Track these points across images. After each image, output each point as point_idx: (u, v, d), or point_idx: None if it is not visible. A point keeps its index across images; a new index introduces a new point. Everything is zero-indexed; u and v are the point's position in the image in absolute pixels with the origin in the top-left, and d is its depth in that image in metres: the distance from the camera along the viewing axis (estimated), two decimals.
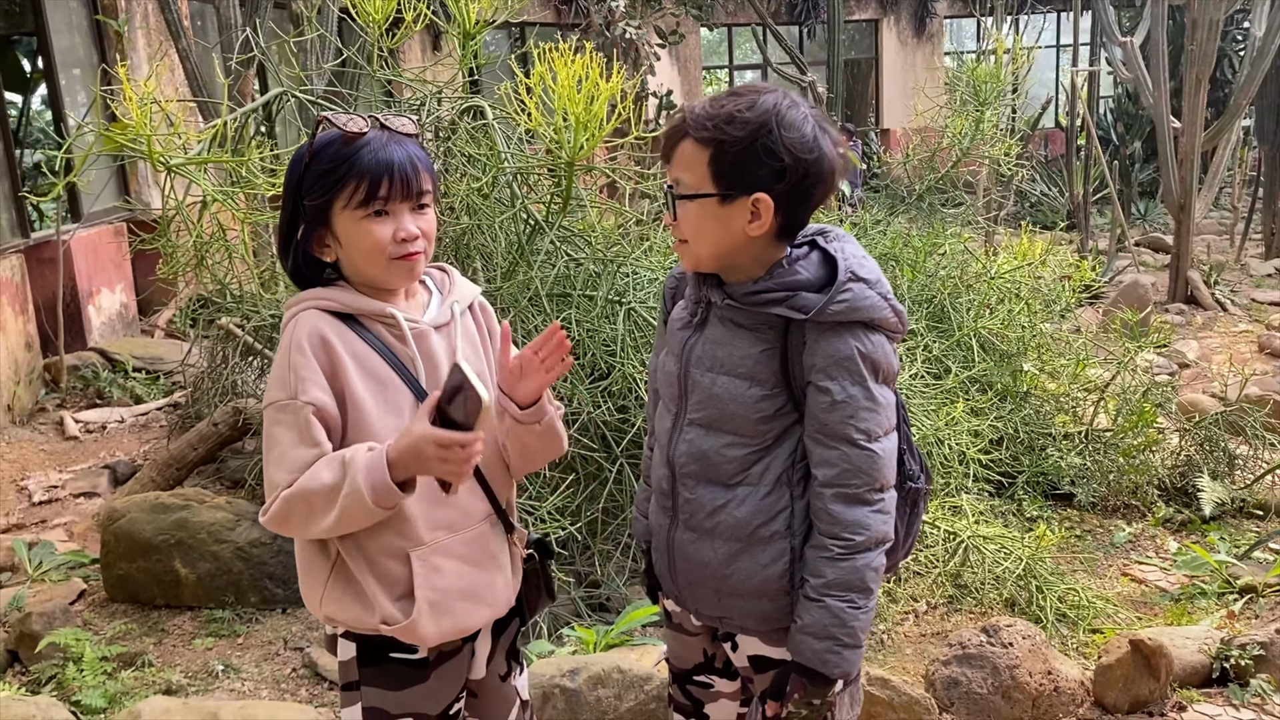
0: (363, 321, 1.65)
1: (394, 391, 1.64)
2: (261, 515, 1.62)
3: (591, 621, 3.43)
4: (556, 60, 3.08)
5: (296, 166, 1.65)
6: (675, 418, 1.75)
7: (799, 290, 1.61)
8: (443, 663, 1.73)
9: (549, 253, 3.52)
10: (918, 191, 5.96)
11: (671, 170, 1.65)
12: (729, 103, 1.59)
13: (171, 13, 6.10)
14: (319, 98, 4.01)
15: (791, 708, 1.68)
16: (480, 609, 1.72)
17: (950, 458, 4.10)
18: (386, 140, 1.62)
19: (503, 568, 1.76)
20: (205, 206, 3.39)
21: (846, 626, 1.62)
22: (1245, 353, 7.16)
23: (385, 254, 1.62)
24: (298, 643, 3.49)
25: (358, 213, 1.60)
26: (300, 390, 1.57)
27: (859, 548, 1.62)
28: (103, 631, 3.55)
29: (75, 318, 7.03)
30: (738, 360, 1.66)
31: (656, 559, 1.85)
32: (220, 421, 4.45)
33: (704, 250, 1.65)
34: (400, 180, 1.61)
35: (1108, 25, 9.90)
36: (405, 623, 1.64)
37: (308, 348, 1.59)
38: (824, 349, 1.60)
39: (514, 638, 1.89)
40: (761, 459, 1.68)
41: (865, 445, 1.61)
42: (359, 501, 1.53)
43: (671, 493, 1.77)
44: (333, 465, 1.56)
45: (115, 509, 3.77)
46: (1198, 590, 3.76)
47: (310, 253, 1.66)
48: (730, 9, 16.83)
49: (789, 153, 1.57)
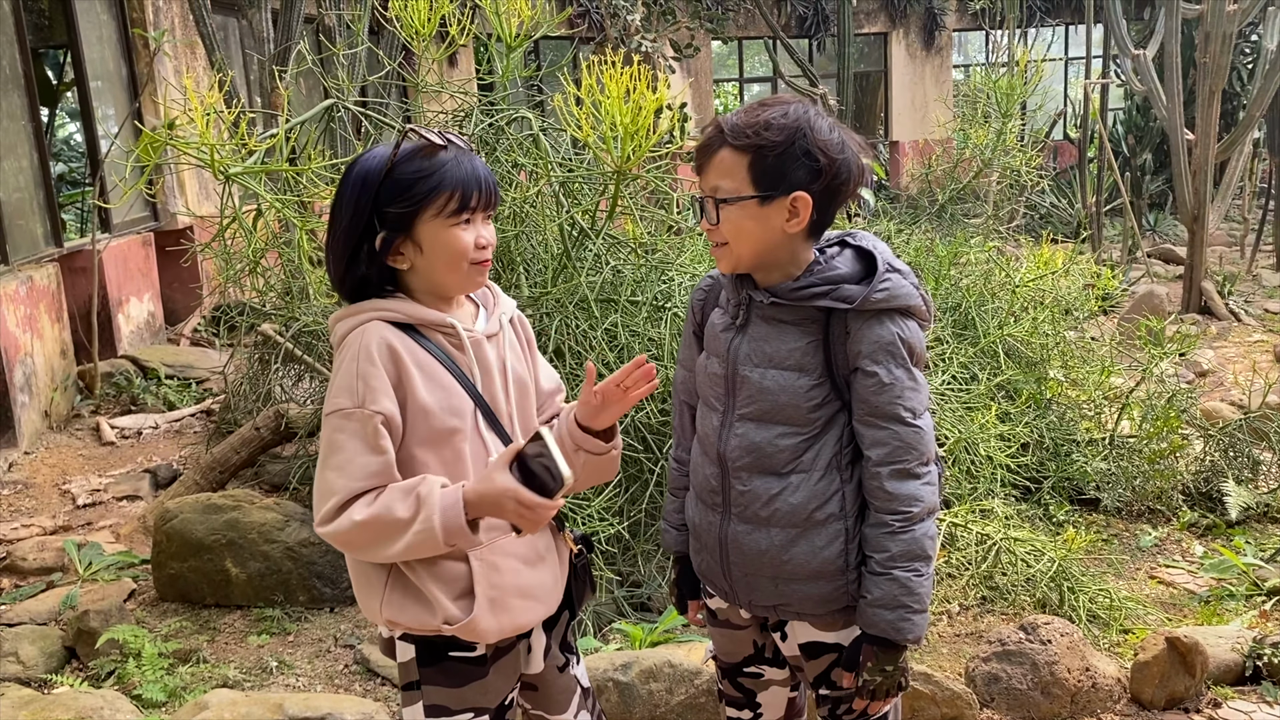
0: (423, 331, 1.72)
1: (457, 398, 1.71)
2: (319, 525, 1.66)
3: (634, 620, 3.51)
4: (606, 73, 3.18)
5: (369, 177, 1.68)
6: (723, 415, 1.84)
7: (841, 283, 1.73)
8: (500, 658, 1.80)
9: (596, 258, 3.62)
10: (940, 201, 6.05)
11: (707, 179, 1.75)
12: (763, 112, 1.70)
13: (205, 25, 6.21)
14: (370, 109, 4.11)
15: (867, 675, 1.78)
16: (535, 606, 1.79)
17: (980, 462, 4.18)
18: (460, 153, 1.70)
19: (553, 565, 1.83)
20: (260, 215, 3.49)
21: (914, 594, 1.73)
22: (1261, 362, 7.24)
23: (467, 259, 1.70)
24: (348, 640, 3.57)
25: (449, 221, 1.67)
26: (369, 399, 1.63)
27: (915, 519, 1.73)
28: (157, 629, 3.63)
29: (106, 326, 7.13)
30: (786, 353, 1.76)
31: (704, 557, 1.92)
32: (262, 426, 4.54)
33: (745, 250, 1.75)
34: (485, 191, 1.70)
35: (1120, 38, 10.00)
36: (466, 620, 1.69)
37: (377, 357, 1.65)
38: (868, 336, 1.71)
39: (565, 630, 1.95)
40: (812, 446, 1.77)
41: (913, 422, 1.73)
42: (430, 538, 1.60)
43: (722, 489, 1.85)
44: (407, 500, 1.61)
45: (167, 510, 3.86)
46: (1226, 592, 3.83)
47: (385, 261, 1.70)
48: (741, 22, 16.97)
49: (823, 154, 1.69)
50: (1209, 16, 8.73)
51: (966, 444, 4.13)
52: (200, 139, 3.09)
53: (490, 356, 1.77)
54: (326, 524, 1.64)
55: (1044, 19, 18.07)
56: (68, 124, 12.13)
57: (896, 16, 18.11)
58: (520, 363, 1.84)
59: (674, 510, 2.06)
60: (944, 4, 18.27)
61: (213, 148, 3.11)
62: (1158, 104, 9.44)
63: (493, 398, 1.76)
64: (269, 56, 6.23)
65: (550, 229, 3.65)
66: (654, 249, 3.80)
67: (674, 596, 2.11)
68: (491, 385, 1.76)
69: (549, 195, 3.73)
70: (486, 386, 1.75)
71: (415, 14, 3.89)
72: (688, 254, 3.84)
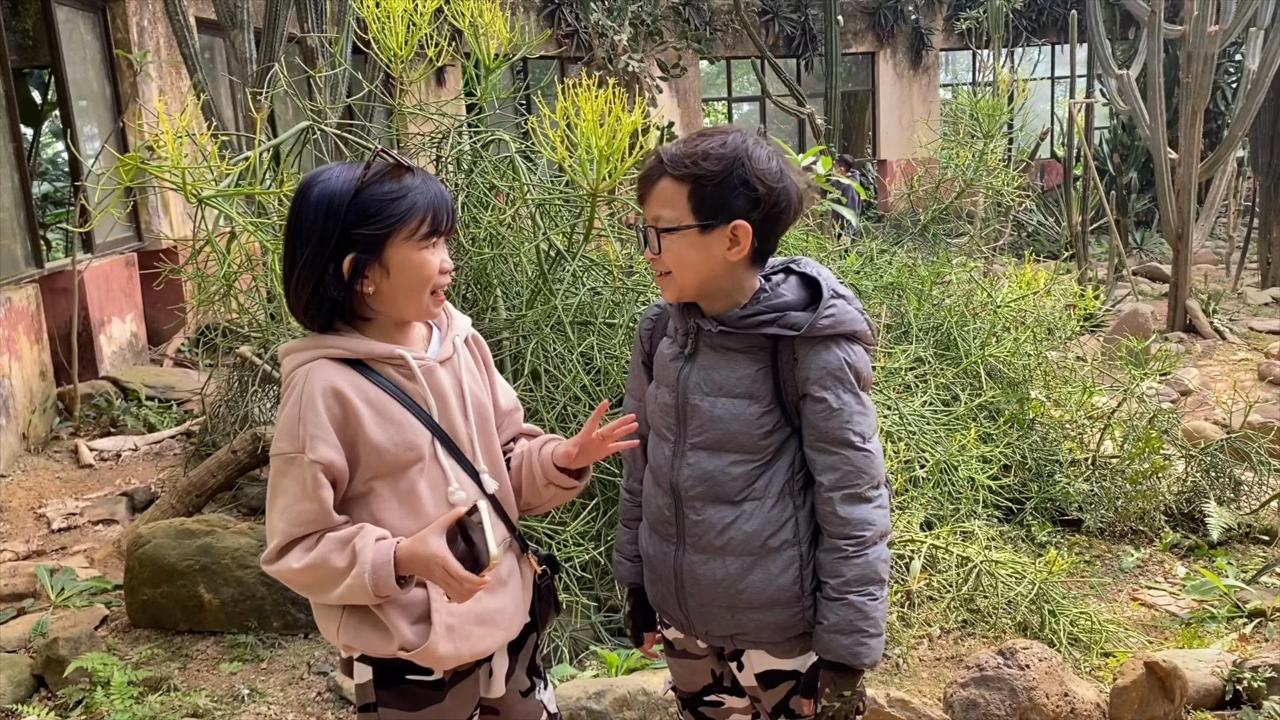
0: (371, 365, 1.69)
1: (410, 431, 1.69)
2: (266, 563, 1.68)
3: (612, 646, 3.47)
4: (581, 95, 3.17)
5: (336, 198, 1.63)
6: (675, 445, 1.83)
7: (787, 310, 1.74)
8: (457, 682, 1.78)
9: (570, 282, 3.60)
10: (922, 221, 6.05)
11: (650, 208, 1.76)
12: (701, 142, 1.71)
13: (188, 46, 6.20)
14: (337, 132, 4.10)
15: (825, 701, 1.77)
16: (494, 632, 1.78)
17: (961, 484, 4.16)
18: (425, 177, 1.70)
19: (514, 591, 1.82)
20: (233, 237, 3.46)
21: (869, 618, 1.73)
22: (1245, 380, 7.25)
23: (429, 285, 1.69)
24: (321, 667, 3.53)
25: (420, 244, 1.66)
26: (309, 446, 1.61)
27: (868, 542, 1.74)
28: (128, 656, 3.58)
29: (87, 347, 7.09)
30: (735, 381, 1.77)
31: (659, 589, 1.91)
32: (240, 449, 4.50)
33: (688, 280, 1.75)
34: (452, 215, 1.71)
35: (1104, 58, 10.06)
36: (423, 646, 1.69)
37: (319, 403, 1.62)
38: (815, 362, 1.73)
39: (532, 653, 1.94)
40: (764, 473, 1.78)
41: (863, 446, 1.74)
42: (361, 589, 1.61)
43: (676, 519, 1.84)
44: (344, 551, 1.63)
45: (140, 535, 3.82)
46: (1207, 614, 3.81)
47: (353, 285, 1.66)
48: (729, 42, 17.05)
49: (762, 182, 1.70)
50: (1191, 37, 8.79)
51: (947, 465, 4.12)
52: (171, 162, 3.07)
53: (445, 382, 1.75)
54: (269, 564, 1.67)
55: (1030, 39, 18.21)
56: (54, 144, 12.12)
57: (884, 36, 18.22)
58: (477, 384, 1.83)
59: (627, 542, 2.05)
60: (931, 24, 18.39)
61: (184, 171, 3.09)
62: (1141, 123, 9.49)
63: (450, 424, 1.74)
64: (251, 77, 6.22)
65: (527, 251, 3.63)
66: (631, 271, 3.78)
67: (630, 629, 2.09)
68: (448, 412, 1.74)
69: (526, 217, 3.72)
70: (443, 414, 1.74)
71: (393, 37, 3.89)
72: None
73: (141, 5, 8.45)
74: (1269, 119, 10.64)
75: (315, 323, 1.70)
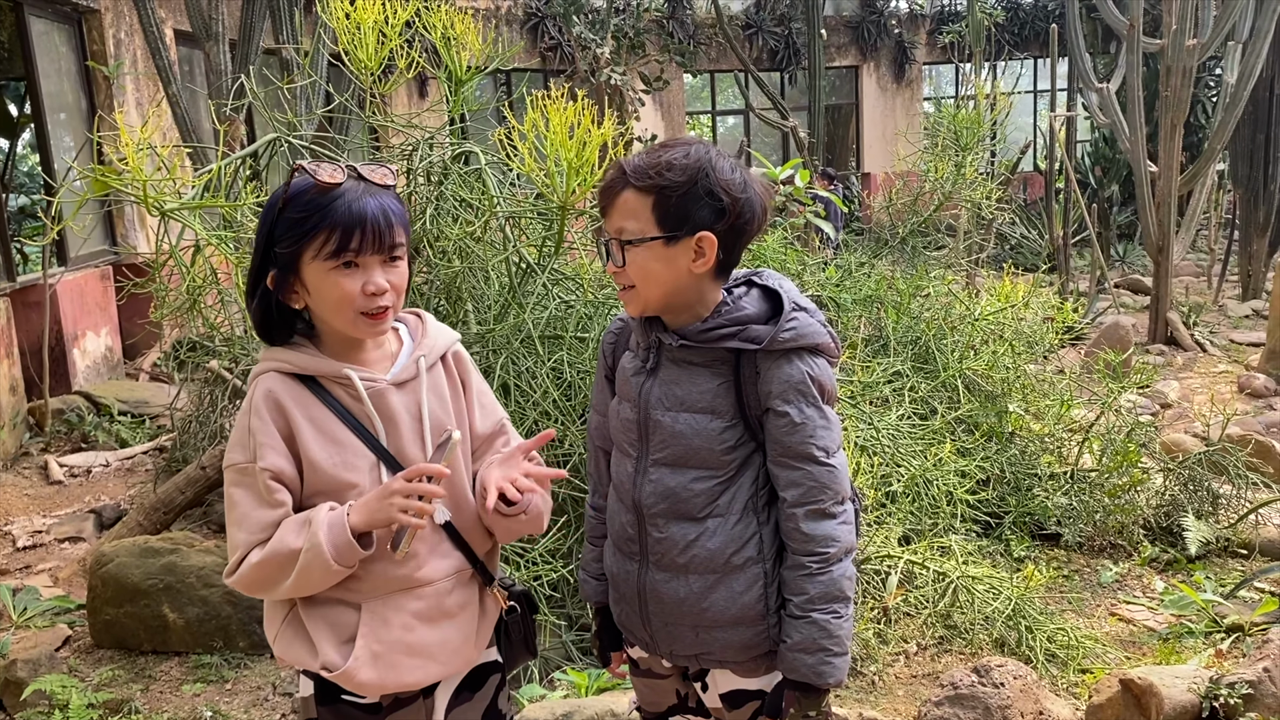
0: (320, 382, 1.65)
1: (351, 453, 1.64)
2: (227, 576, 1.64)
3: (583, 665, 3.42)
4: (550, 107, 3.13)
5: (269, 212, 1.63)
6: (637, 461, 1.80)
7: (748, 324, 1.71)
8: (396, 710, 1.73)
9: (541, 295, 3.56)
10: (900, 234, 6.03)
11: (612, 221, 1.72)
12: (664, 153, 1.68)
13: (162, 58, 6.15)
14: (309, 144, 4.05)
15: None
16: (429, 665, 1.71)
17: (938, 498, 4.13)
18: (361, 191, 1.61)
19: (463, 625, 1.74)
20: (198, 251, 3.41)
21: (834, 637, 1.70)
22: (1225, 393, 7.25)
23: (353, 307, 1.61)
24: (287, 688, 3.46)
25: (327, 264, 1.59)
26: (259, 455, 1.59)
27: (832, 559, 1.70)
28: (89, 678, 3.51)
29: (60, 361, 7.01)
30: (697, 396, 1.73)
31: (623, 608, 1.88)
32: (208, 465, 4.43)
33: (652, 292, 1.72)
34: (372, 233, 1.60)
35: (1084, 72, 10.09)
36: (343, 668, 1.64)
37: (265, 412, 1.61)
38: (777, 376, 1.69)
39: (493, 695, 1.85)
40: (727, 489, 1.74)
41: (826, 461, 1.71)
42: (319, 558, 1.55)
43: (639, 536, 1.80)
44: (298, 528, 1.58)
45: (103, 553, 3.75)
46: (1185, 629, 3.78)
47: (281, 300, 1.64)
48: (713, 55, 17.09)
49: (726, 193, 1.67)
50: (1170, 51, 8.83)
51: (924, 479, 4.08)
52: (132, 174, 3.02)
53: (396, 406, 1.68)
54: (230, 576, 1.63)
55: (1012, 53, 18.30)
56: (31, 156, 12.03)
57: (867, 50, 18.29)
58: (444, 408, 1.74)
59: (592, 560, 2.01)
60: (914, 38, 18.48)
61: (145, 183, 3.04)
62: (1122, 137, 9.52)
63: (400, 449, 1.68)
64: (228, 89, 6.17)
65: (497, 265, 3.59)
66: (602, 284, 3.74)
67: (596, 648, 2.04)
68: (398, 436, 1.68)
69: (496, 230, 3.67)
70: (392, 438, 1.67)
71: (363, 49, 3.84)
72: None
73: (118, 18, 8.39)
74: (1248, 132, 10.70)
75: (264, 334, 1.68)
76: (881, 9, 18.21)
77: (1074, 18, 10.34)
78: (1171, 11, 8.79)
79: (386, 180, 1.65)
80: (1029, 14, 18.26)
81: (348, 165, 1.66)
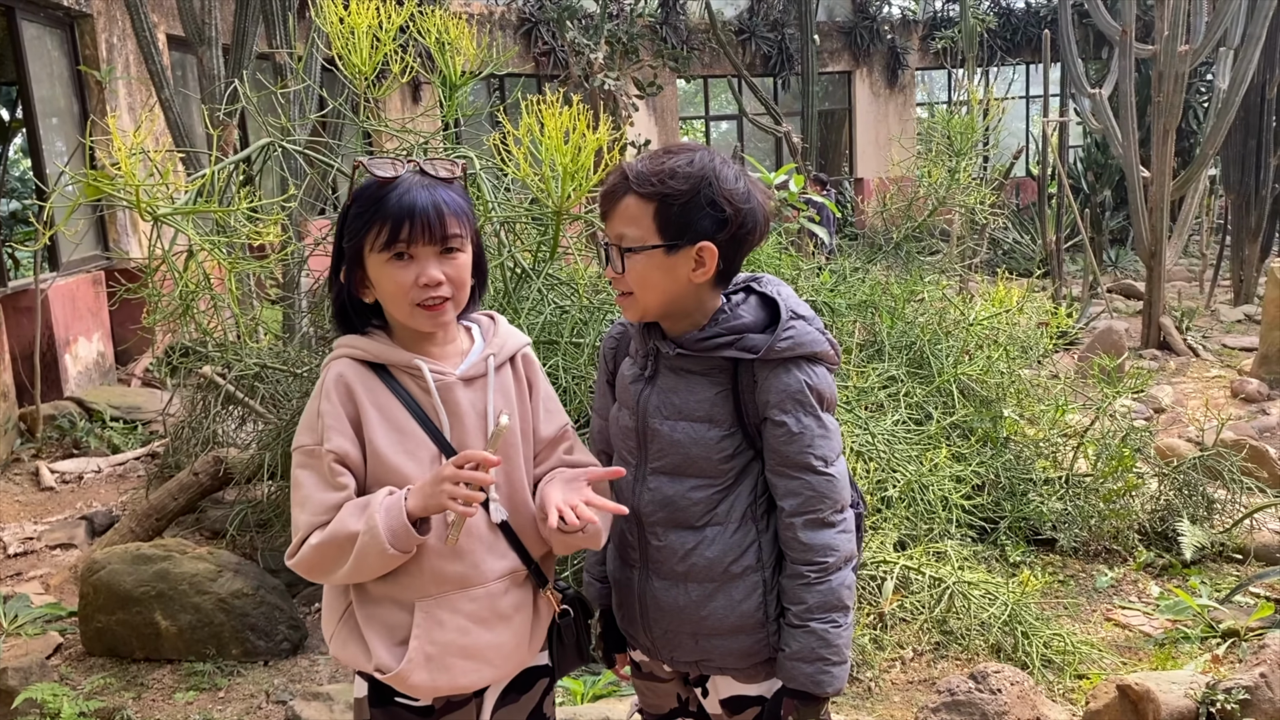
0: (391, 371, 1.68)
1: (414, 442, 1.66)
2: (289, 558, 1.65)
3: (579, 672, 3.40)
4: (545, 111, 3.12)
5: (343, 209, 1.70)
6: (636, 469, 1.79)
7: (745, 333, 1.70)
8: (448, 712, 1.73)
9: (536, 300, 3.54)
10: (895, 239, 6.03)
11: (613, 226, 1.70)
12: (668, 160, 1.66)
13: (155, 63, 6.13)
14: (304, 149, 4.04)
15: None
16: (482, 669, 1.71)
17: (934, 503, 4.12)
18: (416, 184, 1.64)
19: (517, 628, 1.73)
20: (191, 256, 3.39)
21: (832, 646, 1.69)
22: (1219, 397, 7.26)
23: (408, 298, 1.64)
24: (280, 695, 3.44)
25: (383, 255, 1.63)
26: (325, 437, 1.63)
27: (831, 569, 1.69)
28: (80, 686, 3.49)
29: (52, 366, 6.98)
30: (695, 404, 1.72)
31: (624, 613, 1.87)
32: (201, 471, 4.41)
33: (651, 300, 1.71)
34: (422, 224, 1.62)
35: (1077, 77, 10.12)
36: (396, 670, 1.65)
37: (335, 396, 1.65)
38: (775, 385, 1.68)
39: (540, 698, 1.85)
40: (726, 498, 1.73)
41: (825, 470, 1.70)
42: (375, 541, 1.56)
43: (639, 544, 1.80)
44: (358, 511, 1.59)
45: (95, 560, 3.72)
46: (1181, 634, 3.78)
47: (354, 293, 1.70)
48: (706, 60, 17.11)
49: (729, 203, 1.65)
50: (1162, 57, 8.86)
51: (920, 485, 4.08)
52: (125, 179, 3.00)
53: (462, 400, 1.70)
54: (291, 559, 1.65)
55: (1004, 58, 18.36)
56: (23, 161, 11.99)
57: (860, 55, 18.33)
58: (510, 408, 1.75)
59: (596, 562, 2.00)
60: (907, 43, 18.52)
61: (137, 188, 3.02)
62: (1114, 142, 9.54)
63: (462, 443, 1.69)
64: (221, 94, 6.15)
65: (492, 270, 3.57)
66: (598, 289, 3.73)
67: (600, 651, 2.03)
68: (462, 430, 1.69)
69: (491, 234, 3.66)
70: (456, 431, 1.69)
71: (356, 54, 3.83)
72: None
73: (110, 22, 8.37)
74: (1239, 138, 10.73)
75: (340, 323, 1.74)
76: (874, 15, 18.26)
77: (1066, 23, 10.36)
78: (1164, 17, 8.82)
79: (444, 173, 1.69)
80: (1020, 20, 18.33)
81: (411, 160, 1.70)
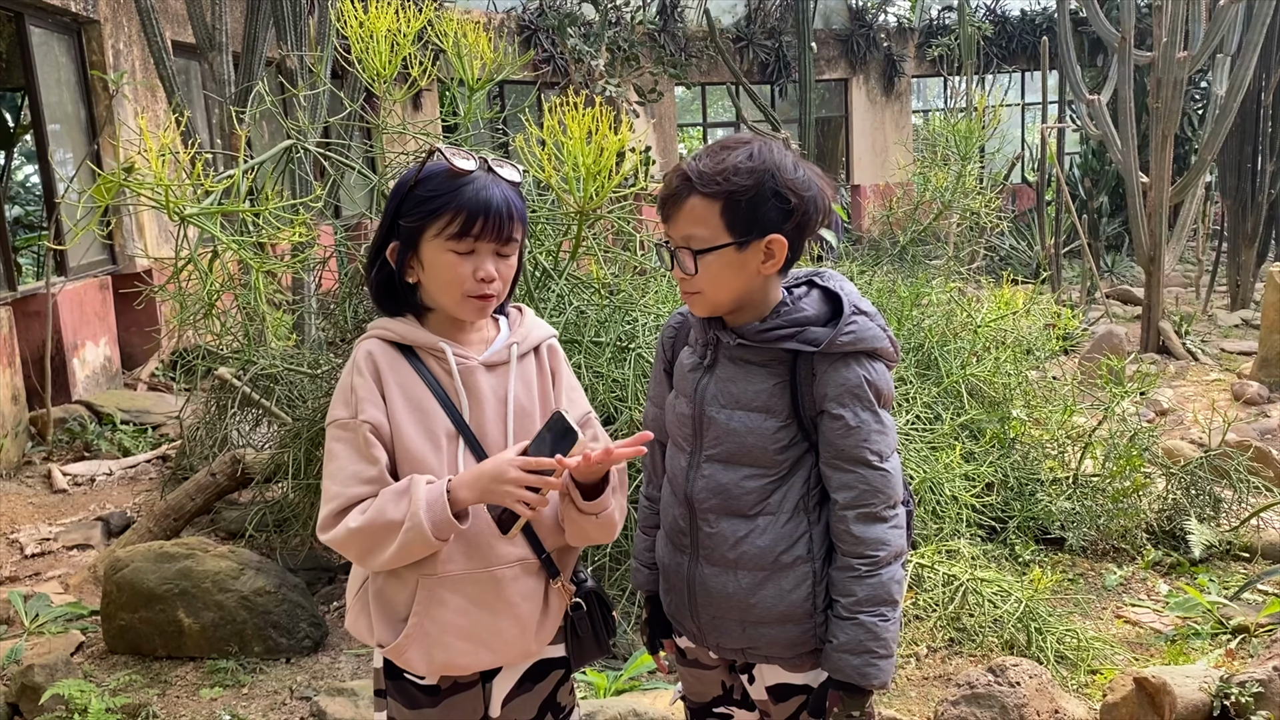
0: (417, 353, 1.73)
1: (432, 420, 1.70)
2: (319, 530, 1.69)
3: (599, 666, 3.44)
4: (568, 114, 3.17)
5: (400, 189, 1.72)
6: (691, 456, 1.81)
7: (807, 325, 1.71)
8: (454, 694, 1.77)
9: (558, 299, 3.59)
10: (901, 243, 6.09)
11: (679, 228, 1.71)
12: (728, 156, 1.67)
13: (165, 68, 6.17)
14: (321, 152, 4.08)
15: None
16: (479, 652, 1.73)
17: (945, 503, 4.17)
18: (489, 181, 1.69)
19: (522, 617, 1.75)
20: (216, 256, 3.43)
21: (880, 639, 1.70)
22: (1220, 400, 7.32)
23: (462, 289, 1.69)
24: (304, 692, 3.47)
25: (447, 244, 1.67)
26: (360, 409, 1.67)
27: (882, 563, 1.71)
28: (105, 683, 3.51)
29: (61, 371, 6.99)
30: (753, 395, 1.74)
31: (673, 598, 1.89)
32: (218, 472, 4.44)
33: (723, 296, 1.72)
34: (494, 221, 1.67)
35: (1075, 83, 10.20)
36: (393, 645, 1.70)
37: (364, 369, 1.70)
38: (834, 379, 1.69)
39: (554, 688, 1.87)
40: (779, 488, 1.75)
41: (880, 465, 1.71)
42: (420, 535, 1.60)
43: (690, 530, 1.82)
44: (398, 501, 1.62)
45: (118, 559, 3.75)
46: (1191, 631, 3.83)
47: (399, 274, 1.74)
48: (704, 68, 17.17)
49: (793, 193, 1.67)
50: (1160, 63, 8.93)
51: (932, 484, 4.12)
52: (155, 179, 3.04)
53: (483, 385, 1.74)
54: (325, 531, 1.68)
55: (1001, 65, 18.46)
56: (25, 167, 12.01)
57: (857, 63, 18.41)
58: (530, 396, 1.79)
59: (644, 549, 2.02)
60: (903, 51, 18.61)
61: (167, 188, 3.06)
62: (1112, 148, 9.62)
63: (481, 427, 1.72)
64: (229, 98, 6.19)
65: None
66: (617, 290, 3.78)
67: (645, 636, 2.06)
68: (481, 415, 1.73)
69: None
70: (475, 415, 1.73)
71: (376, 56, 3.88)
72: (651, 294, 3.82)
73: (118, 28, 8.40)
74: (1236, 144, 10.82)
75: (380, 304, 1.79)
76: (871, 22, 18.35)
77: (1064, 30, 10.45)
78: (1161, 24, 8.90)
79: (513, 176, 1.73)
80: (1016, 28, 18.44)
81: (480, 156, 1.73)
